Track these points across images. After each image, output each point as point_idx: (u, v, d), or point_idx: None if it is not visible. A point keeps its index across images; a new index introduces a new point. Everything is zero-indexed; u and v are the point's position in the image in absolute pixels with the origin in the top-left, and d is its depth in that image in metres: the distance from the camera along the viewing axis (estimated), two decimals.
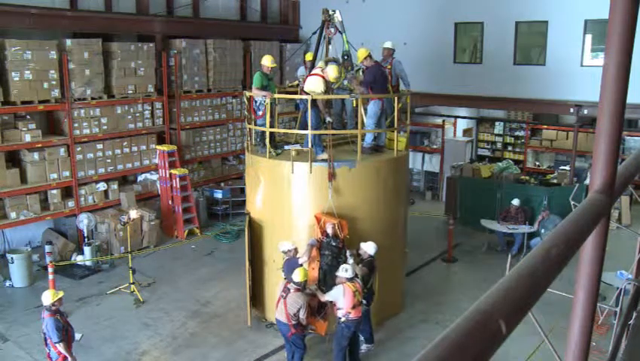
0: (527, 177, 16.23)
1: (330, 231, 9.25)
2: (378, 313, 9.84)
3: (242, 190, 15.63)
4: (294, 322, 8.41)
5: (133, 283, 11.69)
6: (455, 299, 11.44)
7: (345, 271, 8.42)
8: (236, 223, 15.94)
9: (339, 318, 8.49)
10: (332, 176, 9.47)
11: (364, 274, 8.82)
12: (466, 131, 21.48)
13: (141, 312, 11.03)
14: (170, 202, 15.13)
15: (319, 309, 8.93)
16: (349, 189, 9.69)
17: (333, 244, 9.19)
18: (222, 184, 17.27)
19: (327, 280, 9.02)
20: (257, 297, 10.61)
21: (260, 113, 10.37)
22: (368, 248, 9.19)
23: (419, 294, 11.70)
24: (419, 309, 11.12)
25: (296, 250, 9.14)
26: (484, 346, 1.02)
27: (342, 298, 8.32)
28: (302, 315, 8.36)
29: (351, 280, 8.37)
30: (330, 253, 9.19)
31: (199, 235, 15.31)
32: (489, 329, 1.06)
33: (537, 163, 20.54)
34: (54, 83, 12.89)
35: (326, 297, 8.54)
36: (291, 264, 8.95)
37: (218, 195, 16.70)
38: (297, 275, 8.40)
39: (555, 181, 16.02)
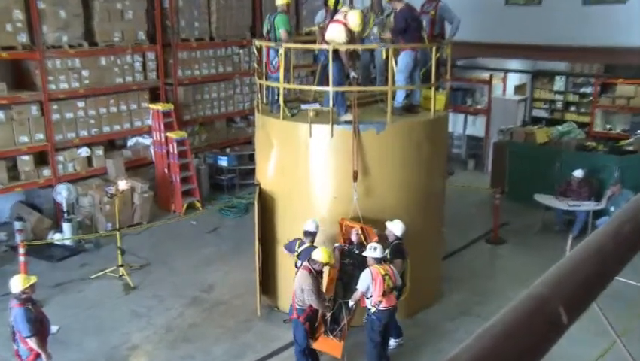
0: (594, 144, 15.95)
1: (354, 238, 9.27)
2: (410, 304, 9.86)
3: (251, 157, 15.66)
4: (297, 304, 8.46)
5: (122, 266, 11.84)
6: (502, 288, 11.42)
7: (374, 250, 8.41)
8: (243, 196, 16.03)
9: (369, 309, 8.53)
10: (356, 175, 9.44)
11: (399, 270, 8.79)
12: (518, 88, 21.15)
13: (131, 299, 11.20)
14: (166, 171, 15.24)
15: (332, 324, 8.90)
16: (376, 156, 9.65)
17: (357, 251, 9.16)
18: (227, 150, 17.34)
19: (346, 294, 9.03)
20: (268, 282, 10.70)
21: (276, 64, 10.30)
22: (394, 228, 9.15)
23: (458, 281, 11.71)
24: (458, 299, 11.14)
25: (313, 236, 9.14)
26: (540, 337, 0.99)
27: (372, 285, 8.33)
28: (307, 297, 8.34)
29: (380, 261, 8.37)
30: (351, 262, 9.20)
31: (201, 210, 15.43)
32: (547, 317, 1.03)
33: (608, 126, 20.09)
34: (20, 25, 12.60)
35: (359, 290, 8.51)
36: (309, 252, 8.91)
37: (223, 162, 16.78)
38: (318, 254, 8.39)
39: (630, 148, 15.71)
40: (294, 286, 8.56)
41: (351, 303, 8.75)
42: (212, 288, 11.62)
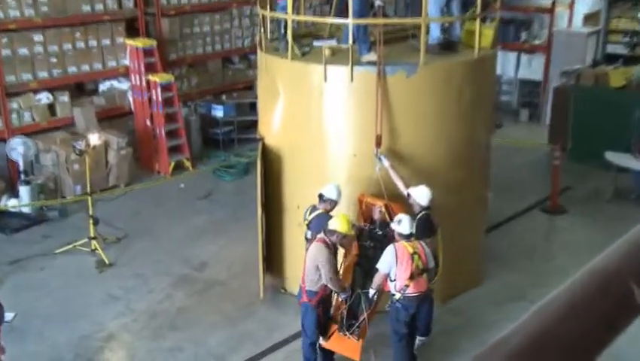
0: None
1: (376, 216, 9.26)
2: (444, 286, 9.89)
3: (253, 106, 15.66)
4: (308, 286, 8.50)
5: (95, 238, 11.94)
6: (562, 267, 11.44)
7: (398, 223, 8.40)
8: (243, 153, 16.09)
9: (393, 295, 8.54)
10: (380, 140, 9.38)
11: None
12: (589, 18, 20.76)
13: (106, 279, 11.31)
14: (148, 123, 15.28)
15: (349, 319, 8.91)
16: (406, 105, 9.61)
17: (379, 232, 9.16)
18: (223, 97, 17.34)
19: (366, 283, 9.03)
20: (272, 258, 10.81)
21: None
22: (419, 196, 9.07)
23: (506, 259, 11.75)
24: (505, 281, 11.17)
25: (332, 205, 9.17)
26: (605, 319, 0.99)
27: (395, 265, 8.30)
28: (324, 274, 8.36)
29: (408, 237, 8.36)
30: (372, 245, 9.18)
31: (191, 170, 15.52)
32: (614, 296, 1.03)
33: None
34: None
35: (380, 271, 8.49)
36: (321, 221, 8.95)
37: (218, 112, 16.81)
38: (336, 223, 8.39)
39: None
40: (305, 264, 8.60)
41: (371, 292, 8.67)
42: (205, 265, 11.72)
